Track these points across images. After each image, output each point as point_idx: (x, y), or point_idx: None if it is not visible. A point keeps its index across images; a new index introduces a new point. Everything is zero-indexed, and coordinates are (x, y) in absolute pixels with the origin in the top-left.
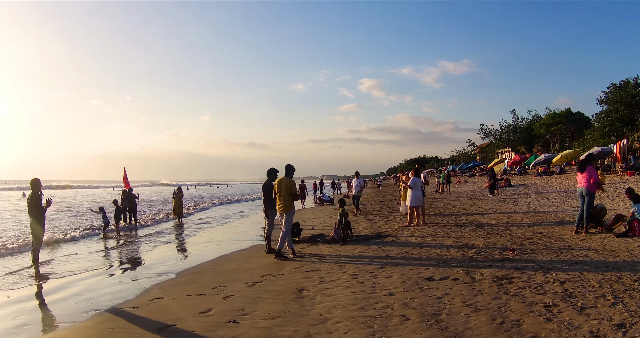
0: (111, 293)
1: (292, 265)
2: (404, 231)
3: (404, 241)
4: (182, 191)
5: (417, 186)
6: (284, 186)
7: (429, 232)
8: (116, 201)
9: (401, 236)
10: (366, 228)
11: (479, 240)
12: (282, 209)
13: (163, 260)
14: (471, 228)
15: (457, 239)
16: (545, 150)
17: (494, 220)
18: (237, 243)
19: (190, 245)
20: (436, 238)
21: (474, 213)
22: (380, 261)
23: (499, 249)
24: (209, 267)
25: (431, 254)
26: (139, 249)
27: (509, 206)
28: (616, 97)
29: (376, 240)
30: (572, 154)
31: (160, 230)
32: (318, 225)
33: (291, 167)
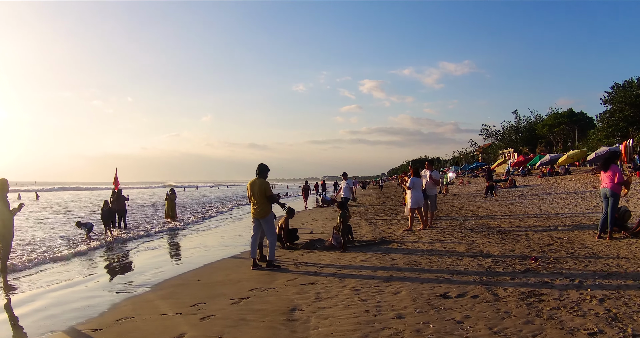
0: (78, 309)
1: (285, 277)
2: (410, 236)
3: (410, 248)
4: (175, 193)
5: (416, 187)
6: (257, 188)
7: (438, 237)
8: (107, 201)
9: (407, 242)
10: (368, 233)
11: (494, 247)
12: (258, 214)
13: (144, 268)
14: (483, 233)
15: (469, 245)
16: (548, 151)
17: (505, 224)
18: (228, 249)
19: (177, 251)
20: (446, 244)
21: (483, 216)
22: (385, 272)
23: (518, 258)
24: (192, 278)
25: (443, 264)
26: (122, 256)
27: (518, 208)
28: (620, 97)
29: (380, 246)
30: (578, 154)
31: (149, 234)
32: (317, 229)
33: (264, 167)
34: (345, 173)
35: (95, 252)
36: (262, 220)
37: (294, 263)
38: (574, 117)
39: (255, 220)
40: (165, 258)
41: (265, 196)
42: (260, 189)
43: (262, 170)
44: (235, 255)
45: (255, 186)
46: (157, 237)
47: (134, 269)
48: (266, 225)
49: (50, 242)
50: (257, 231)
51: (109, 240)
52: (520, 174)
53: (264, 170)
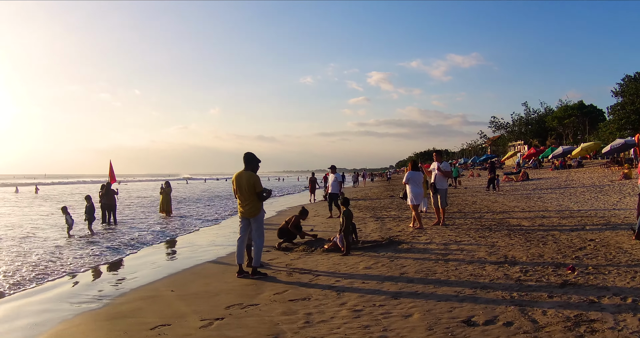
0: (18, 329)
1: (272, 289)
2: (421, 235)
3: (422, 251)
4: (170, 186)
5: (413, 182)
6: (244, 182)
7: (453, 238)
8: (89, 197)
9: (418, 243)
10: (375, 231)
11: (519, 251)
12: (247, 213)
13: (117, 273)
14: (503, 233)
15: (490, 248)
16: (558, 143)
17: (526, 221)
18: (217, 249)
19: (161, 252)
20: (463, 247)
21: (500, 212)
22: (393, 284)
23: (550, 265)
24: (165, 288)
25: (462, 273)
26: (98, 256)
27: (536, 204)
28: (632, 89)
29: (387, 248)
30: (592, 146)
31: (138, 230)
32: (319, 226)
33: (252, 157)
34: (333, 166)
35: (68, 253)
36: (253, 219)
37: (286, 270)
38: (584, 110)
39: (244, 219)
40: (144, 261)
41: (253, 192)
42: (248, 183)
43: (249, 160)
44: (221, 257)
45: (242, 180)
46: (144, 234)
47: (104, 275)
48: (255, 224)
49: (27, 241)
50: (244, 232)
51: (88, 238)
52: (531, 167)
53: (251, 160)
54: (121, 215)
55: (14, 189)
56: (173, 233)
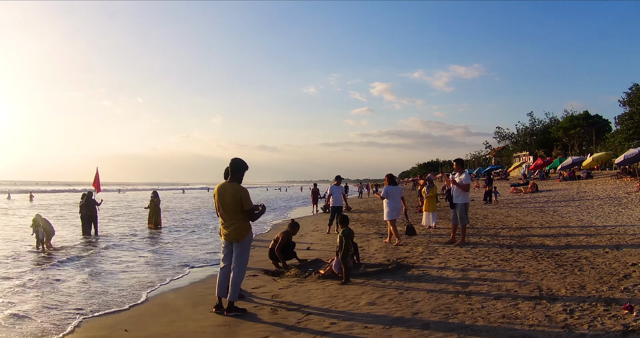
0: None
1: (250, 334)
2: (433, 257)
3: (436, 279)
4: (158, 196)
5: (391, 197)
6: (229, 198)
7: (470, 261)
8: None
9: (431, 268)
10: (379, 251)
11: (554, 280)
12: (231, 236)
13: (71, 300)
14: (527, 254)
15: (518, 276)
16: (564, 154)
17: (549, 240)
18: (197, 271)
19: (133, 270)
20: (485, 274)
21: (516, 228)
22: (404, 332)
23: (598, 302)
24: (119, 326)
25: (491, 314)
26: (55, 277)
27: (554, 218)
28: None
29: (394, 274)
30: (603, 157)
31: (117, 244)
32: (317, 243)
33: (239, 164)
34: (338, 176)
35: (26, 271)
36: (237, 243)
37: (271, 303)
38: (589, 120)
39: (227, 243)
40: (108, 283)
41: (240, 210)
42: (234, 199)
43: (236, 169)
44: (197, 282)
45: (226, 195)
46: (121, 249)
47: (46, 300)
48: (239, 250)
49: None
50: (229, 259)
51: (46, 253)
52: (538, 178)
53: (239, 169)
54: (107, 226)
55: (6, 196)
56: (154, 248)
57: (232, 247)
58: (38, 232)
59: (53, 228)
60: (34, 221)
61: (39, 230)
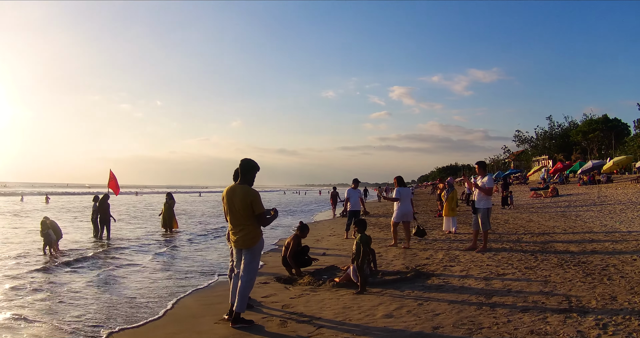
0: None
1: None
2: (454, 264)
3: (458, 289)
4: (173, 198)
5: (403, 199)
6: (238, 201)
7: (493, 269)
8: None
9: (452, 276)
10: (398, 257)
11: (583, 290)
12: (241, 242)
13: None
14: (552, 262)
15: (544, 286)
16: (583, 158)
17: (574, 246)
18: (203, 278)
19: (136, 278)
20: (509, 283)
21: (539, 233)
22: None
23: (632, 315)
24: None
25: (518, 328)
26: (66, 284)
27: (576, 223)
28: None
29: (413, 283)
30: (624, 160)
31: (127, 248)
32: (333, 249)
33: (249, 165)
34: (356, 180)
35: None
36: (246, 250)
37: (281, 314)
38: (609, 124)
39: (237, 250)
40: (106, 291)
41: (251, 214)
42: (243, 202)
43: (247, 170)
44: (201, 290)
45: (236, 198)
46: (130, 253)
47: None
48: (249, 257)
49: None
50: (240, 267)
51: (52, 257)
52: (557, 182)
53: (250, 170)
54: (121, 230)
55: (19, 198)
56: (162, 253)
57: (242, 254)
58: (48, 235)
59: (61, 231)
60: (42, 224)
61: (49, 233)
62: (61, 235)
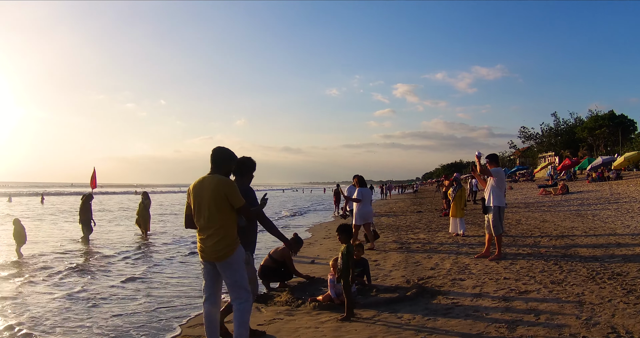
0: None
1: None
2: (464, 277)
3: (471, 312)
4: (149, 198)
5: (365, 199)
6: (209, 193)
7: (512, 283)
8: None
9: (462, 295)
10: (397, 267)
11: (628, 315)
12: (208, 253)
13: None
14: (581, 273)
15: (578, 308)
16: (589, 154)
17: (601, 252)
18: (176, 301)
19: (96, 297)
20: (535, 304)
21: (556, 236)
22: None
23: None
24: None
25: None
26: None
27: (595, 224)
28: None
29: (415, 303)
30: (635, 156)
31: (94, 253)
32: (323, 255)
33: (226, 153)
34: (358, 176)
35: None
36: (222, 264)
37: None
38: (615, 120)
39: (208, 265)
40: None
41: (226, 211)
42: (216, 196)
43: (220, 163)
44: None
45: (205, 192)
46: (96, 259)
47: None
48: (228, 273)
49: None
50: (213, 287)
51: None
52: (565, 179)
53: (223, 162)
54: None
55: (7, 199)
56: (134, 262)
57: (216, 270)
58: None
59: (26, 236)
60: (15, 223)
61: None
62: (25, 240)
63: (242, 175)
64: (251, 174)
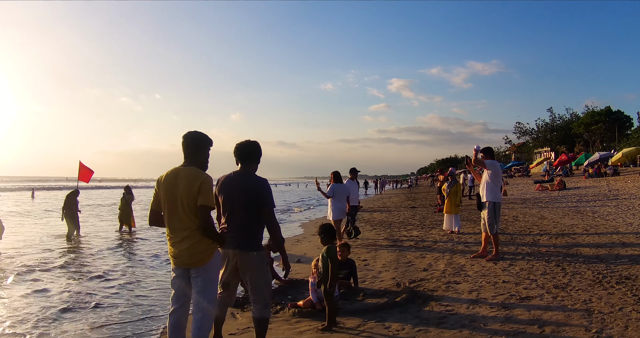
0: None
1: None
2: (460, 279)
3: (467, 322)
4: (131, 193)
5: (337, 195)
6: (183, 187)
7: (512, 288)
8: None
9: (458, 301)
10: (387, 267)
11: None
12: (181, 257)
13: None
14: (586, 276)
15: (587, 318)
16: (586, 150)
17: (605, 252)
18: (136, 310)
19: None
20: (538, 313)
21: (556, 234)
22: None
23: None
24: None
25: None
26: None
27: (596, 221)
28: None
29: (405, 310)
30: (633, 152)
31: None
32: (311, 253)
33: (202, 138)
34: (353, 169)
35: None
36: (197, 270)
37: None
38: (612, 116)
39: (180, 271)
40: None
41: (192, 209)
42: (190, 191)
43: (198, 147)
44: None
45: (176, 186)
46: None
47: None
48: (200, 281)
49: None
50: (182, 296)
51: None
52: (561, 175)
53: (202, 146)
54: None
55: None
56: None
57: (187, 276)
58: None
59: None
60: None
61: None
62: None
63: (258, 161)
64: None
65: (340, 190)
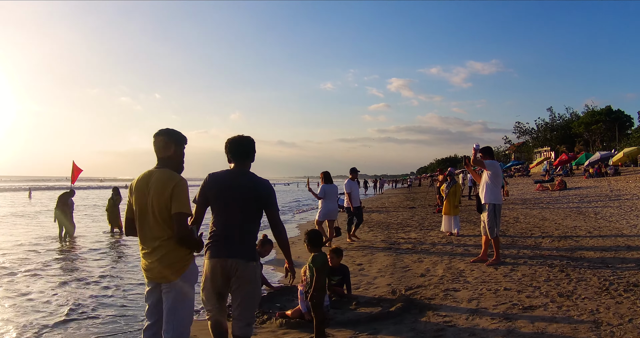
0: None
1: None
2: (459, 286)
3: (466, 333)
4: (119, 194)
5: (328, 196)
6: (156, 192)
7: (514, 295)
8: None
9: (456, 310)
10: (384, 272)
11: None
12: (153, 271)
13: None
14: (592, 283)
15: (595, 330)
16: (585, 150)
17: (610, 255)
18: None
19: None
20: (542, 325)
21: (559, 236)
22: None
23: None
24: None
25: None
26: None
27: (599, 223)
28: None
29: (400, 321)
30: (635, 151)
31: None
32: (305, 257)
33: (176, 135)
34: (354, 168)
35: None
36: (167, 285)
37: None
38: (612, 115)
39: (152, 285)
40: None
41: (173, 220)
42: (162, 196)
43: (177, 141)
44: None
45: (150, 192)
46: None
47: None
48: (171, 297)
49: None
50: (158, 315)
51: None
52: (562, 175)
53: (179, 140)
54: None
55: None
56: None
57: (158, 291)
58: None
59: None
60: None
61: None
62: None
63: (253, 160)
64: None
65: (331, 191)
